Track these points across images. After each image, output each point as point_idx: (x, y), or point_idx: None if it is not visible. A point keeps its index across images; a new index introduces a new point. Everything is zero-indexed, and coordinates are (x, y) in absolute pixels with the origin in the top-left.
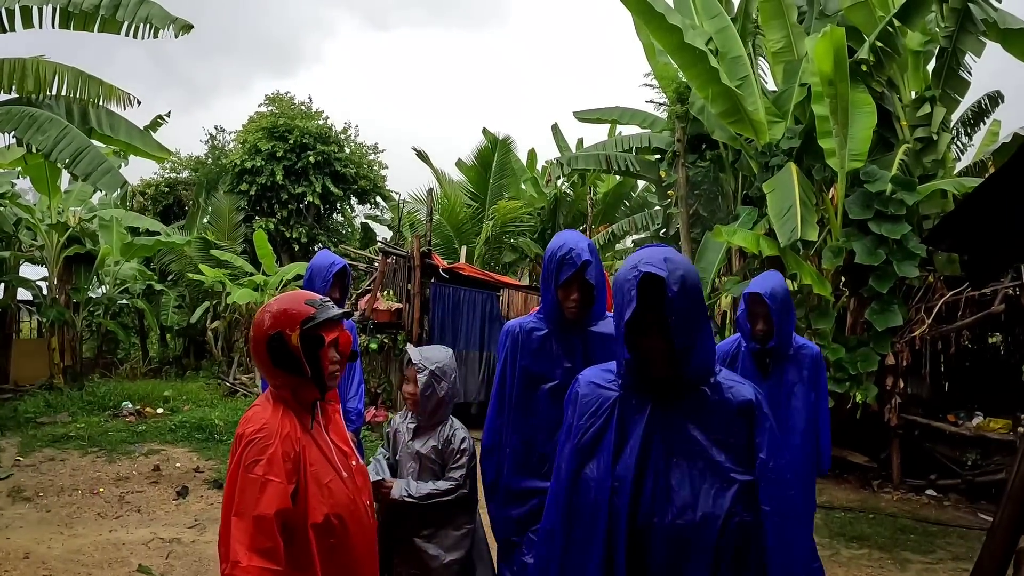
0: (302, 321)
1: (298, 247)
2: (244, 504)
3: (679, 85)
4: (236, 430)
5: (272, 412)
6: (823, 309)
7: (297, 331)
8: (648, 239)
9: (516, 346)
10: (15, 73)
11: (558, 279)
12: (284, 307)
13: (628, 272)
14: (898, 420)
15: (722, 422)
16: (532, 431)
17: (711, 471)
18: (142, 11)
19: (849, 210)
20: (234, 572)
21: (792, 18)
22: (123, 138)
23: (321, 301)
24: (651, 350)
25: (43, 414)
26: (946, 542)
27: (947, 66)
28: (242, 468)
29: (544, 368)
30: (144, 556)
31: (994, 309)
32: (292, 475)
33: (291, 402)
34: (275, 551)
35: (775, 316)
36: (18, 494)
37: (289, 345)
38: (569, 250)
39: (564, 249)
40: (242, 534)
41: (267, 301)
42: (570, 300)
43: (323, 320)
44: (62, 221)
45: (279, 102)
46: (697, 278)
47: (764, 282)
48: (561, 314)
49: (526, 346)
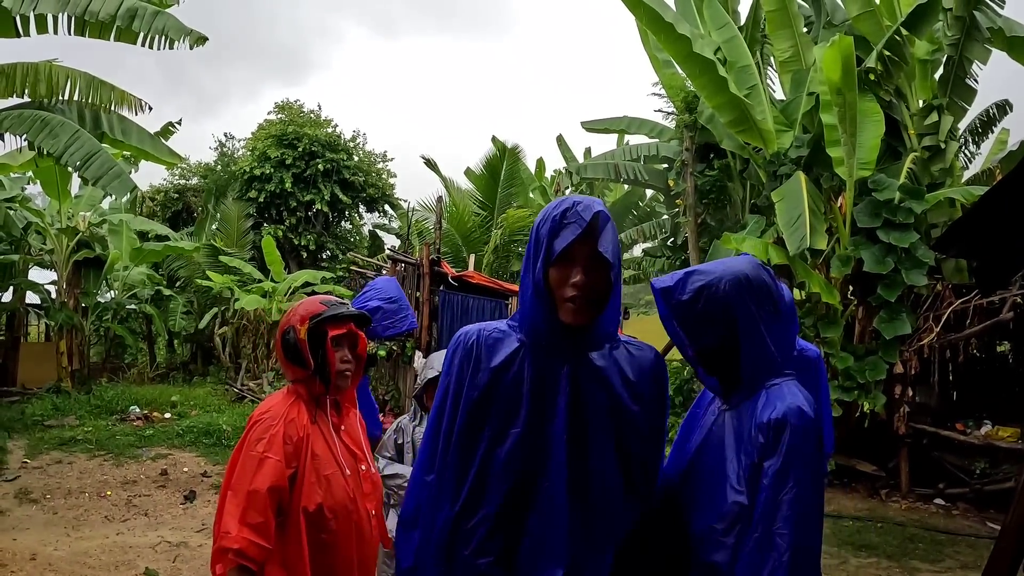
0: (311, 317)
1: (306, 254)
2: (240, 479)
3: (687, 94)
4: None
5: (283, 399)
6: (831, 317)
7: (305, 326)
8: (656, 248)
9: (468, 364)
10: (28, 77)
11: (552, 250)
12: (302, 306)
13: (562, 204)
14: (906, 429)
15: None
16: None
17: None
18: (158, 22)
19: (857, 219)
20: (223, 542)
21: (800, 27)
22: (134, 143)
23: (337, 302)
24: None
25: (50, 417)
26: (955, 551)
27: (954, 74)
28: (245, 446)
29: (506, 405)
30: (151, 559)
31: (1003, 317)
32: (292, 458)
33: (303, 395)
34: (266, 527)
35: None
36: (25, 496)
37: (297, 339)
38: (574, 203)
39: (567, 203)
40: (235, 507)
41: (275, 308)
42: (569, 285)
43: (329, 316)
44: (71, 225)
45: (288, 110)
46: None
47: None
48: (549, 316)
49: (484, 367)
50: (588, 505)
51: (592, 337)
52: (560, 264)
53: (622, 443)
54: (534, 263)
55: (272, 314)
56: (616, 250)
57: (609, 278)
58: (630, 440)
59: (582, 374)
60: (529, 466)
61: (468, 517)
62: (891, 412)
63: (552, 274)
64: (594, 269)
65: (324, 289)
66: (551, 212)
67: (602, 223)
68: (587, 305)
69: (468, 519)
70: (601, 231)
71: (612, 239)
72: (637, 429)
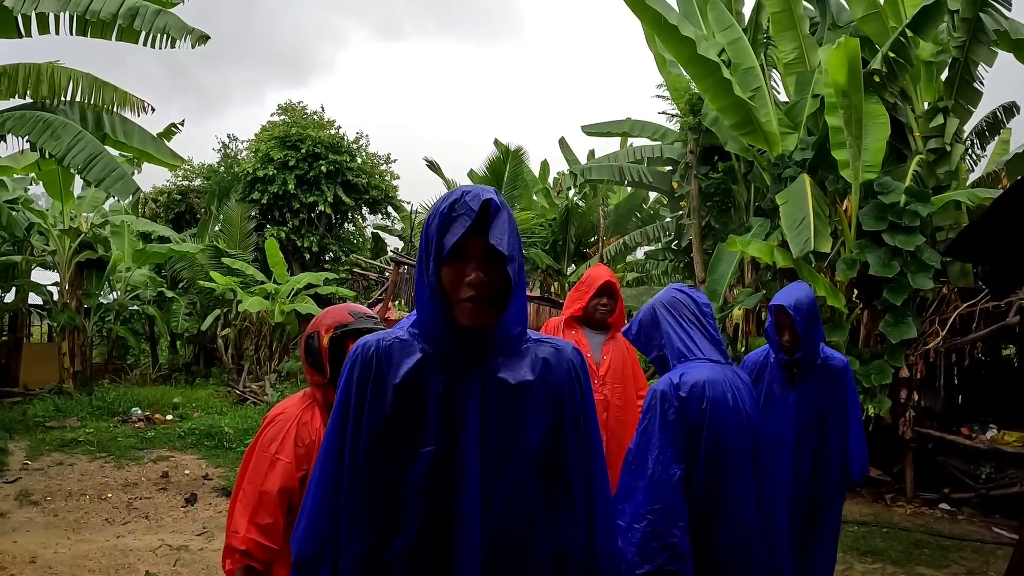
0: (336, 326)
1: (309, 256)
2: (253, 479)
3: (691, 96)
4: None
5: (299, 402)
6: (837, 321)
7: (329, 334)
8: (660, 251)
9: (368, 381)
10: (30, 78)
11: (442, 246)
12: (331, 312)
13: (450, 196)
14: (912, 433)
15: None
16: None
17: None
18: (159, 21)
19: (863, 221)
20: (231, 541)
21: (804, 29)
22: (136, 145)
23: (365, 315)
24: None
25: (52, 418)
26: (960, 556)
27: (959, 76)
28: (259, 446)
29: (413, 422)
30: (151, 563)
31: (1009, 321)
32: (303, 460)
33: (319, 400)
34: (274, 527)
35: (800, 327)
36: (26, 498)
37: (319, 345)
38: (463, 193)
39: (455, 195)
40: (245, 507)
41: (277, 310)
42: (464, 285)
43: (355, 328)
44: (74, 226)
45: (292, 112)
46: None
47: (789, 294)
48: (449, 320)
49: (386, 383)
50: (503, 527)
51: (497, 340)
52: (452, 262)
53: (542, 455)
54: (426, 263)
55: (275, 316)
56: (512, 240)
57: (507, 272)
58: (550, 449)
59: (491, 381)
60: (444, 487)
61: (383, 549)
62: (896, 416)
63: (445, 273)
64: (489, 264)
65: (327, 291)
66: (439, 206)
67: (493, 212)
68: (486, 304)
69: (383, 551)
70: (492, 221)
71: (507, 229)
72: (558, 435)
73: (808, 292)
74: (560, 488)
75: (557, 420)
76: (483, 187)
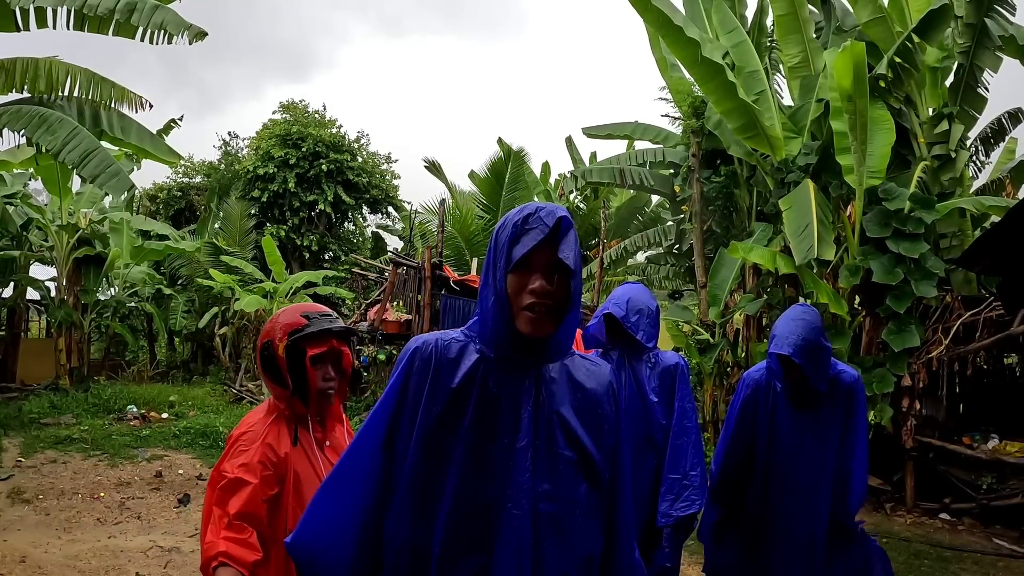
0: (290, 332)
1: (308, 255)
2: (220, 501)
3: (695, 99)
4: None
5: (263, 418)
6: (839, 328)
7: (284, 342)
8: (661, 255)
9: (427, 377)
10: (27, 72)
11: (511, 256)
12: (282, 316)
13: (524, 209)
14: (913, 442)
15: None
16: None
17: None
18: (157, 16)
19: (867, 228)
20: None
21: (809, 33)
22: (134, 141)
23: (320, 314)
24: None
25: (47, 415)
26: (960, 567)
27: (964, 82)
28: (224, 466)
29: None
30: (142, 564)
31: (1013, 330)
32: (272, 480)
33: (285, 412)
34: (251, 538)
35: (808, 370)
36: (18, 496)
37: (275, 355)
38: (537, 209)
39: (530, 209)
40: (216, 527)
41: (275, 308)
42: (527, 292)
43: (310, 332)
44: (72, 222)
45: (293, 110)
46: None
47: (789, 336)
48: (508, 326)
49: (444, 380)
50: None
51: (550, 349)
52: (519, 271)
53: (585, 461)
54: (494, 270)
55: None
56: (577, 259)
57: (569, 286)
58: (593, 458)
59: (544, 388)
60: (494, 487)
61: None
62: (898, 425)
63: (510, 281)
64: (553, 277)
65: (326, 291)
66: (512, 218)
67: (564, 229)
68: (546, 314)
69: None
70: (563, 237)
71: (574, 246)
72: (600, 446)
73: (810, 323)
74: (596, 495)
75: (596, 430)
76: (556, 205)
